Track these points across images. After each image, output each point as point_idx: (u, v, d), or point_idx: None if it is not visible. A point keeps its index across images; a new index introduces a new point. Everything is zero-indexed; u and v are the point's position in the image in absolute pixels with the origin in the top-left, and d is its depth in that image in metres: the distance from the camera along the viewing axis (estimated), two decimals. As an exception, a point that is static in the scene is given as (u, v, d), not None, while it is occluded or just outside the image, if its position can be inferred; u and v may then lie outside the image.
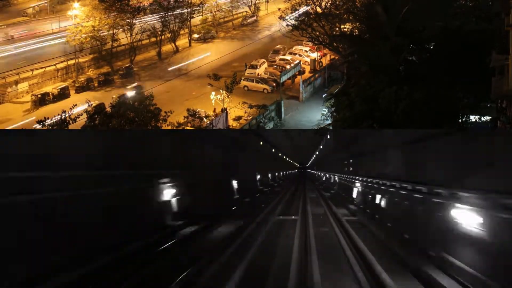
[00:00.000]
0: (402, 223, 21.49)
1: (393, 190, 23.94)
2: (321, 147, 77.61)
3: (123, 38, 58.41)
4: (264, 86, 51.33)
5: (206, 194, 28.28)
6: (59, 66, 52.58)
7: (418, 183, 19.38)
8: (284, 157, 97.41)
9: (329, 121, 38.48)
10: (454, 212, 14.90)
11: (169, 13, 60.18)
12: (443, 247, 15.80)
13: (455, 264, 14.79)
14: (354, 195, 38.36)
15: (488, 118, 30.29)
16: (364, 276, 15.62)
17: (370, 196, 30.49)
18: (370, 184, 31.05)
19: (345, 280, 15.56)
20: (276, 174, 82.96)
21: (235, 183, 38.59)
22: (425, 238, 17.74)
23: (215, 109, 43.99)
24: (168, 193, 22.46)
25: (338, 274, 16.20)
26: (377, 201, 27.77)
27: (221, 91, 44.00)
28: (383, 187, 26.61)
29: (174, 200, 23.00)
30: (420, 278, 15.30)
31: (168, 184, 22.46)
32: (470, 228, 13.70)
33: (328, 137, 56.87)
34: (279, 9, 56.05)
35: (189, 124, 40.75)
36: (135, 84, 51.28)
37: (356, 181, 37.71)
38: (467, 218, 13.91)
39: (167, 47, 62.80)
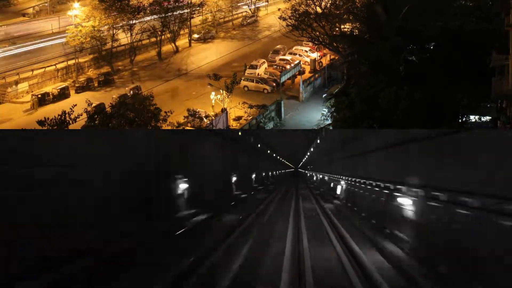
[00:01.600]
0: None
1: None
2: (311, 149, 78.02)
3: (123, 38, 58.34)
4: (264, 86, 51.31)
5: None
6: (59, 66, 52.49)
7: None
8: (278, 157, 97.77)
9: (329, 121, 38.50)
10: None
11: (169, 14, 60.01)
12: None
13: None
14: (338, 191, 43.58)
15: (488, 118, 30.29)
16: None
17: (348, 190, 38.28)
18: (352, 183, 36.87)
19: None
20: (270, 173, 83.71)
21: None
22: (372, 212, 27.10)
23: (216, 113, 43.96)
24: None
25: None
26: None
27: (221, 91, 43.99)
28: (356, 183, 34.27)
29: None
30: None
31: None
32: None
33: (318, 140, 57.34)
34: (279, 9, 55.98)
35: (189, 124, 40.73)
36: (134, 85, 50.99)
37: (340, 179, 42.88)
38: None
39: (167, 47, 62.74)
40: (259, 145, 63.32)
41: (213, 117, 42.24)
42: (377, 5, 34.67)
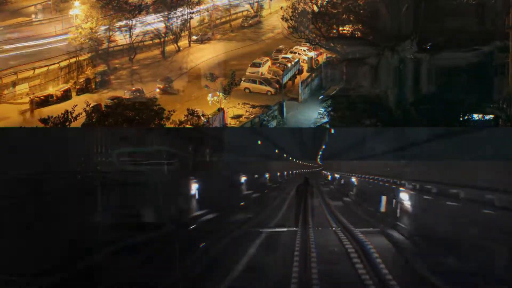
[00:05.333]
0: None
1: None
2: (323, 147, 78.13)
3: (121, 39, 56.42)
4: (268, 88, 49.77)
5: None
6: (62, 64, 51.77)
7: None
8: (290, 157, 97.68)
9: (326, 120, 38.81)
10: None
11: (172, 12, 58.07)
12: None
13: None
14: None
15: (490, 117, 30.36)
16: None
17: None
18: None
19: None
20: (279, 173, 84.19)
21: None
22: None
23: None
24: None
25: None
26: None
27: (218, 93, 43.84)
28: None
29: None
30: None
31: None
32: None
33: (329, 137, 57.23)
34: (281, 8, 55.26)
35: (188, 122, 41.13)
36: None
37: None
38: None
39: (167, 47, 61.98)
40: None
41: (209, 116, 42.45)
42: (381, 4, 34.52)
